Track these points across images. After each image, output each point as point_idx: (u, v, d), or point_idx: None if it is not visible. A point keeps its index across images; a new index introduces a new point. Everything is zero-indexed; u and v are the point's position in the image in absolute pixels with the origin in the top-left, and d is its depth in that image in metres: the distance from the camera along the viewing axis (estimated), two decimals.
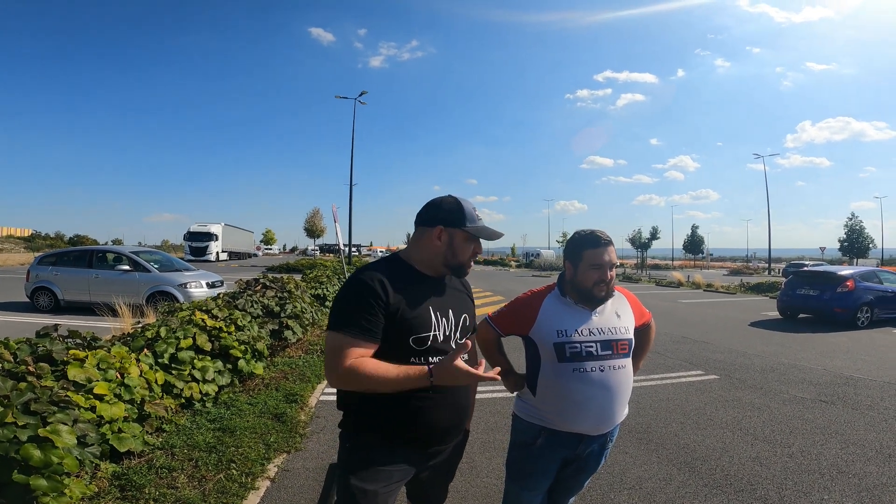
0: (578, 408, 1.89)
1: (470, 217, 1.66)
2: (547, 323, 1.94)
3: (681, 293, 20.16)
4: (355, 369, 1.44)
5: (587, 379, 1.88)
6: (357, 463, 1.58)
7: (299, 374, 5.40)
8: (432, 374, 1.44)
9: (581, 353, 1.89)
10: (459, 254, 1.66)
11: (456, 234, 1.64)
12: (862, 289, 11.06)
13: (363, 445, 1.59)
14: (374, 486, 1.55)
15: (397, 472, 1.60)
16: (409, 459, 1.62)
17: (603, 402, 1.90)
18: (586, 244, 1.92)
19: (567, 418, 1.92)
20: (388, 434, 1.58)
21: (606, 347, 1.92)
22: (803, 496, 3.07)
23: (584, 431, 1.94)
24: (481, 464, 3.51)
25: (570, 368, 1.89)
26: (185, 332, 4.43)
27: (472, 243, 1.68)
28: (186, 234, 41.52)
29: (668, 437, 4.07)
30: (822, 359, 7.34)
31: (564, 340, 1.90)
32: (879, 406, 4.98)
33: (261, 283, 7.66)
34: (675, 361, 6.98)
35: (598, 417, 1.91)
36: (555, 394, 1.93)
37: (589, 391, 1.88)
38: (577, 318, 1.94)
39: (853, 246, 47.56)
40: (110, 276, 10.33)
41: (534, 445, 1.99)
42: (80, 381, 3.14)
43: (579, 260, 1.93)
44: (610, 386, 1.90)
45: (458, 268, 1.69)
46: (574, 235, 2.01)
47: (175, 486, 2.90)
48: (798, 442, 3.98)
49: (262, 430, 3.78)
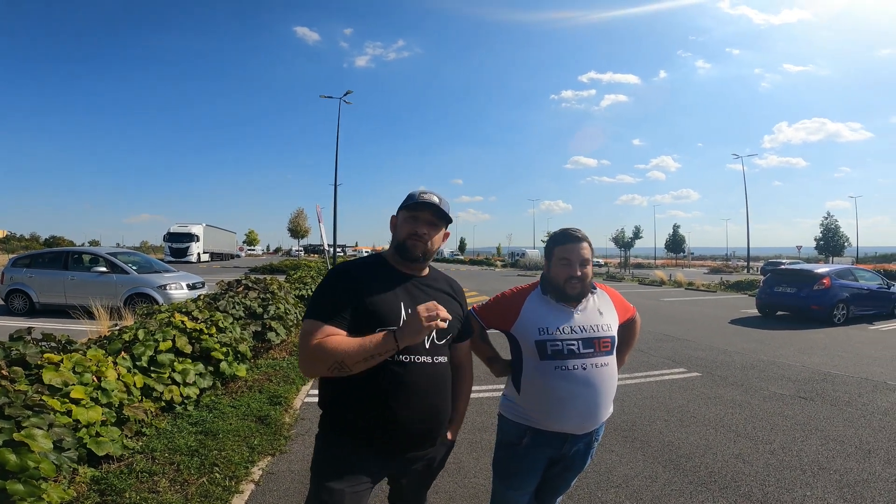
0: (562, 406, 1.89)
1: (411, 197, 1.67)
2: (529, 320, 1.94)
3: (663, 291, 20.42)
4: (321, 344, 1.47)
5: (570, 377, 1.88)
6: (326, 462, 1.59)
7: (283, 375, 5.32)
8: (397, 334, 1.45)
9: (562, 350, 1.89)
10: (400, 233, 1.67)
11: (399, 216, 1.69)
12: (838, 286, 11.32)
13: (333, 444, 1.60)
14: (340, 485, 1.53)
15: (366, 473, 1.58)
16: (380, 462, 1.61)
17: (587, 400, 1.90)
18: (558, 240, 1.95)
19: (551, 417, 1.91)
20: (358, 435, 1.57)
21: (588, 345, 1.92)
22: (786, 492, 3.11)
23: (569, 430, 1.93)
24: (469, 464, 3.50)
25: (553, 366, 1.89)
26: (165, 335, 4.34)
27: (410, 222, 1.66)
28: (166, 235, 40.79)
29: (652, 434, 4.10)
30: (800, 355, 7.49)
31: (546, 338, 1.90)
32: (857, 402, 5.09)
33: (243, 284, 7.55)
34: (658, 359, 7.05)
35: (582, 416, 1.91)
36: (538, 392, 1.92)
37: (572, 389, 1.88)
38: (558, 316, 1.94)
39: (829, 244, 48.75)
40: (86, 277, 10.09)
41: (519, 445, 1.99)
42: (55, 385, 3.05)
43: (551, 256, 1.96)
44: (593, 384, 1.90)
45: (401, 248, 1.67)
46: (550, 234, 2.05)
47: (156, 491, 2.84)
48: (779, 438, 4.04)
49: (245, 433, 3.71)
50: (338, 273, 1.64)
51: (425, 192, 1.68)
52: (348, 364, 1.46)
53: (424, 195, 1.66)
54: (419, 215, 1.66)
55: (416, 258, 1.67)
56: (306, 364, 1.53)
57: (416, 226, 1.65)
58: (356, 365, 1.46)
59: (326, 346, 1.46)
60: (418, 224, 1.65)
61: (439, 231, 1.70)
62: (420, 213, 1.66)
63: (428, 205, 1.64)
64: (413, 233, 1.65)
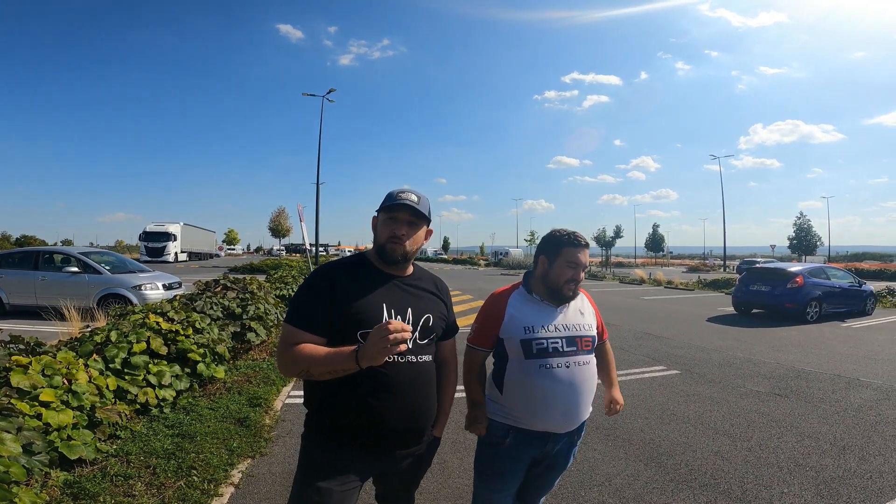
0: (545, 405, 1.91)
1: (389, 197, 1.65)
2: (514, 320, 1.97)
3: (643, 290, 20.70)
4: (292, 351, 1.50)
5: (553, 375, 1.91)
6: (313, 461, 1.58)
7: (263, 377, 5.23)
8: (358, 355, 1.40)
9: (547, 349, 1.92)
10: (380, 236, 1.66)
11: (378, 217, 1.67)
12: (811, 285, 11.60)
13: (320, 444, 1.59)
14: (328, 484, 1.53)
15: (353, 472, 1.58)
16: (367, 461, 1.60)
17: (569, 398, 1.93)
18: (568, 242, 1.97)
19: (534, 416, 1.93)
20: (344, 434, 1.56)
21: (571, 343, 1.96)
22: (764, 489, 3.16)
23: (551, 429, 1.96)
24: (453, 464, 3.48)
25: (537, 365, 1.92)
26: (139, 336, 4.23)
27: (390, 222, 1.64)
28: (142, 234, 39.88)
29: (634, 432, 4.14)
30: (774, 353, 7.65)
31: (531, 337, 1.93)
32: (831, 399, 5.21)
33: (221, 283, 7.41)
34: (638, 357, 7.13)
35: (565, 414, 1.94)
36: (521, 391, 1.94)
37: (555, 388, 1.91)
38: (543, 314, 1.98)
39: (802, 244, 50.07)
40: (58, 278, 9.79)
41: (502, 445, 1.99)
42: (24, 388, 2.96)
43: (557, 256, 1.97)
44: (575, 382, 1.93)
45: (381, 250, 1.65)
46: (553, 232, 2.04)
47: (132, 495, 2.76)
48: (756, 435, 4.11)
49: (224, 436, 3.63)
50: (318, 276, 1.62)
51: (403, 191, 1.65)
52: (314, 374, 1.49)
53: (402, 195, 1.63)
54: (398, 216, 1.63)
55: (397, 261, 1.64)
56: (281, 367, 1.58)
57: (395, 227, 1.62)
58: (322, 375, 1.49)
59: (296, 354, 1.50)
60: (397, 225, 1.62)
61: (419, 230, 1.67)
62: (399, 214, 1.62)
63: (405, 205, 1.61)
64: (392, 235, 1.62)
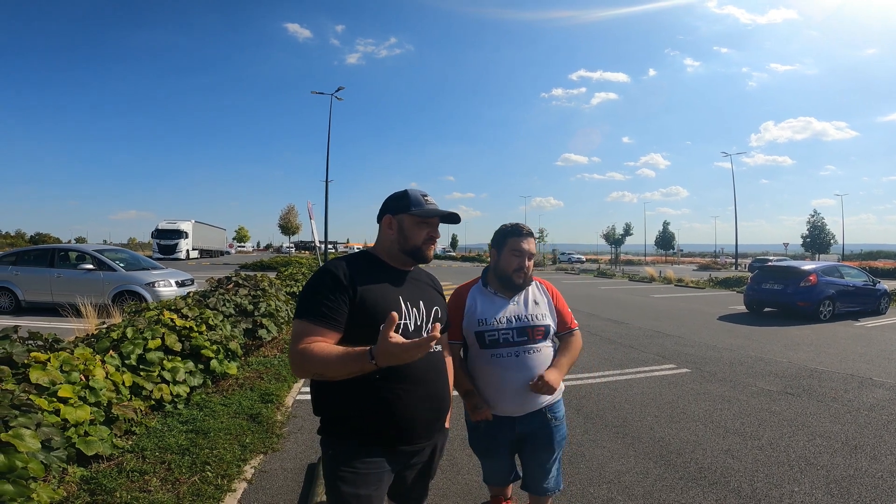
0: (496, 391, 2.10)
1: (415, 201, 1.68)
2: (471, 313, 2.15)
3: (653, 288, 20.58)
4: (304, 352, 1.45)
5: (503, 363, 2.09)
6: (344, 469, 1.55)
7: (275, 373, 5.29)
8: (373, 355, 1.37)
9: (498, 340, 2.10)
10: (411, 238, 1.67)
11: (404, 219, 1.68)
12: (824, 283, 11.47)
13: (346, 450, 1.57)
14: (367, 490, 1.54)
15: (386, 472, 1.59)
16: (393, 457, 1.61)
17: (520, 384, 2.08)
18: (510, 233, 2.15)
19: (493, 401, 2.12)
20: (371, 434, 1.56)
21: (522, 334, 2.11)
22: (774, 488, 3.15)
23: (508, 413, 2.14)
24: (462, 460, 3.50)
25: (489, 354, 2.10)
26: (153, 333, 4.29)
27: (424, 227, 1.68)
28: (155, 232, 40.30)
29: (643, 430, 4.13)
30: (786, 351, 7.59)
31: (484, 329, 2.11)
32: (843, 398, 5.16)
33: (233, 281, 7.49)
34: (648, 355, 7.11)
35: (517, 399, 2.10)
36: (480, 378, 2.14)
37: (504, 374, 2.08)
38: (495, 307, 2.15)
39: (815, 242, 49.43)
40: (73, 275, 9.94)
41: (479, 429, 2.21)
42: (42, 384, 3.02)
43: (503, 246, 2.15)
44: (525, 368, 2.08)
45: (413, 252, 1.68)
46: (501, 226, 2.21)
47: (147, 490, 2.81)
48: (767, 434, 4.09)
49: (237, 432, 3.69)
50: (330, 269, 1.59)
51: (426, 195, 1.71)
52: (328, 376, 1.46)
53: (428, 199, 1.70)
54: (431, 221, 1.69)
55: (428, 260, 1.72)
56: (294, 367, 1.52)
57: (432, 230, 1.70)
58: (336, 376, 1.45)
59: (309, 354, 1.44)
60: (433, 228, 1.70)
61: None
62: (432, 220, 1.70)
63: (437, 211, 1.69)
64: (430, 237, 1.69)
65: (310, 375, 1.51)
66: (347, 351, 1.42)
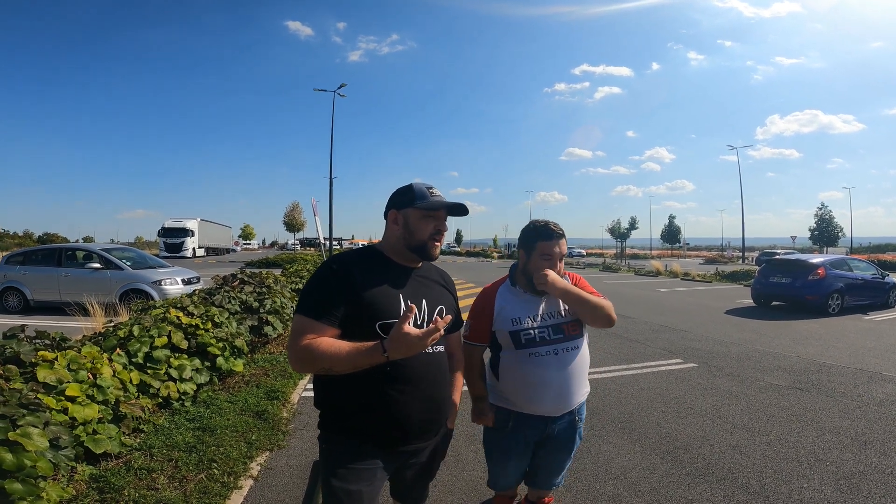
0: (536, 390, 2.04)
1: (420, 195, 1.65)
2: (502, 313, 2.08)
3: (659, 282, 20.48)
4: (309, 346, 1.44)
5: (542, 363, 2.03)
6: (337, 464, 1.56)
7: (280, 370, 5.31)
8: (385, 348, 1.39)
9: (535, 338, 2.04)
10: (417, 233, 1.64)
11: (409, 213, 1.64)
12: (832, 276, 11.36)
13: (342, 446, 1.58)
14: (358, 486, 1.53)
15: (379, 470, 1.59)
16: (388, 456, 1.61)
17: (559, 383, 2.04)
18: (540, 235, 2.04)
19: (528, 401, 2.07)
20: (365, 432, 1.56)
21: (557, 331, 2.06)
22: (783, 484, 3.13)
23: (546, 413, 2.09)
24: (467, 456, 3.50)
25: (527, 353, 2.04)
26: (160, 331, 4.31)
27: (430, 220, 1.65)
28: (161, 230, 40.55)
29: (650, 426, 4.12)
30: (795, 346, 7.53)
31: (519, 328, 2.05)
32: (852, 393, 5.12)
33: (238, 278, 7.52)
34: (655, 350, 7.08)
35: (557, 398, 2.06)
36: (515, 379, 2.08)
37: (545, 374, 2.03)
38: (528, 305, 2.08)
39: (823, 235, 49.00)
40: (81, 274, 10.02)
41: (506, 429, 2.16)
42: (50, 383, 3.04)
43: (532, 249, 2.05)
44: (565, 367, 2.04)
45: (419, 248, 1.65)
46: (529, 225, 2.10)
47: (155, 488, 2.83)
48: (776, 429, 4.06)
49: (243, 429, 3.70)
50: (332, 265, 1.58)
51: (431, 188, 1.68)
52: (336, 370, 1.46)
53: (434, 191, 1.67)
54: (437, 214, 1.66)
55: (434, 257, 1.69)
56: (295, 363, 1.51)
57: (439, 224, 1.66)
58: (344, 370, 1.45)
59: (315, 350, 1.43)
60: (440, 222, 1.67)
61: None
62: (439, 212, 1.67)
63: (444, 203, 1.65)
64: (437, 231, 1.66)
65: (314, 371, 1.50)
66: (357, 346, 1.43)
